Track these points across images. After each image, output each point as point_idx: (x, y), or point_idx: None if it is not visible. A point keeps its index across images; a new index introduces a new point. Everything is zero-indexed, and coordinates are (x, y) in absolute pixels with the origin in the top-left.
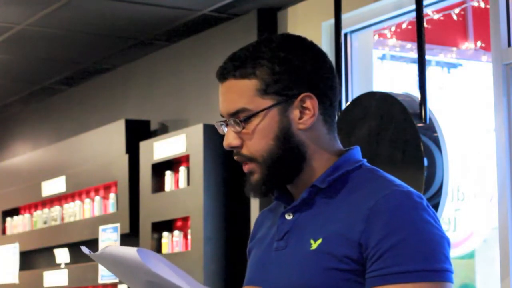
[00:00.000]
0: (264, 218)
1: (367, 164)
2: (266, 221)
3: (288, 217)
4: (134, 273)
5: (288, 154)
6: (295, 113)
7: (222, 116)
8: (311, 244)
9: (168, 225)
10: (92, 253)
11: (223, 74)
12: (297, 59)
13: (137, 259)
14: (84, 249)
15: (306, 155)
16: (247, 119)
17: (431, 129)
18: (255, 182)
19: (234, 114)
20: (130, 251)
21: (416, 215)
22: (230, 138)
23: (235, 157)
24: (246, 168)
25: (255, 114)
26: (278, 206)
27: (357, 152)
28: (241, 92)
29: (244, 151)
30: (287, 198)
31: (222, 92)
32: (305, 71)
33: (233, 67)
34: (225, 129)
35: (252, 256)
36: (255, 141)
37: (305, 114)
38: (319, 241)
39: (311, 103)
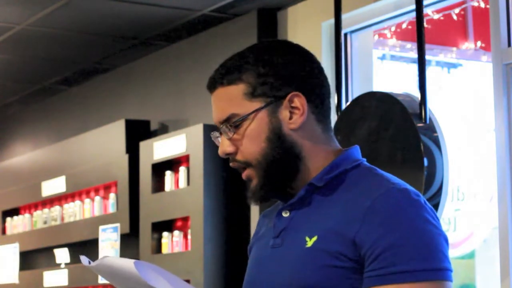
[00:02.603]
0: (266, 216)
1: (366, 163)
2: (267, 219)
3: (285, 214)
4: (131, 283)
5: (282, 155)
6: (285, 114)
7: (216, 126)
8: (306, 241)
9: (168, 225)
10: (90, 263)
11: (212, 84)
12: (281, 60)
13: (133, 272)
14: (83, 260)
15: (301, 155)
16: (237, 124)
17: (431, 129)
18: (254, 188)
19: (226, 121)
20: (127, 263)
21: (413, 213)
22: (225, 146)
23: (231, 164)
24: (244, 175)
25: (244, 118)
26: (280, 204)
27: (356, 151)
28: (230, 98)
29: (239, 157)
30: (286, 195)
31: (213, 101)
32: (290, 70)
33: (220, 75)
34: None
35: (251, 254)
36: (247, 145)
37: (295, 113)
38: (314, 238)
39: (300, 102)
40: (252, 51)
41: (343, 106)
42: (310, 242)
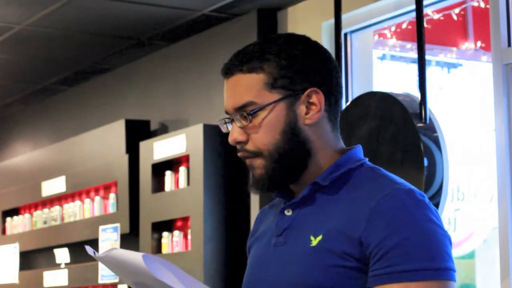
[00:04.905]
0: (265, 215)
1: (369, 163)
2: (266, 218)
3: (288, 213)
4: (137, 276)
5: (294, 149)
6: (302, 108)
7: (226, 113)
8: (311, 240)
9: (168, 225)
10: (96, 254)
11: (229, 69)
12: (304, 55)
13: (141, 265)
14: (88, 249)
15: (311, 152)
16: (254, 113)
17: (431, 129)
18: (259, 176)
19: (241, 108)
20: (135, 256)
21: (418, 213)
22: (236, 133)
23: (239, 154)
24: (248, 161)
25: (262, 108)
26: (279, 203)
27: (359, 151)
28: (248, 86)
29: (250, 146)
30: (287, 194)
31: (228, 87)
32: (311, 66)
33: (240, 62)
34: (230, 127)
35: (252, 253)
36: (262, 135)
37: (312, 109)
38: (319, 237)
39: (318, 98)
40: (275, 43)
41: (343, 106)
42: (315, 241)
